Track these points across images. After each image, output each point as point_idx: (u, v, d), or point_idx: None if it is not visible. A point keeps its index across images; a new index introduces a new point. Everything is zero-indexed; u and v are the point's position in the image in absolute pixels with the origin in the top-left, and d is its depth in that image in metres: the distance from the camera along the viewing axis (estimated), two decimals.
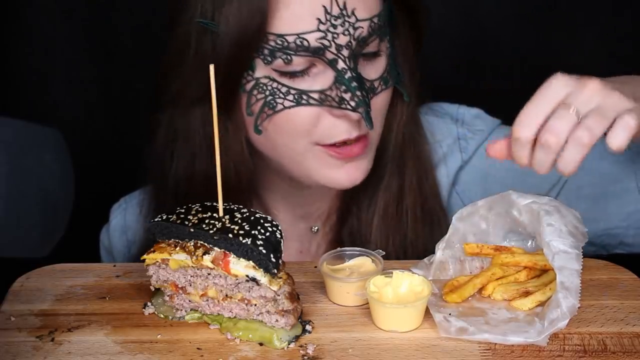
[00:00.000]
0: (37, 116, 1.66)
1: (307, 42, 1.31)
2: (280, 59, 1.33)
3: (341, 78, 1.33)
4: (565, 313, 1.15)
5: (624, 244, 1.48)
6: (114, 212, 1.71)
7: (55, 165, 1.49)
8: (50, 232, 1.52)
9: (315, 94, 1.34)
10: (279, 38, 1.32)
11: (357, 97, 1.32)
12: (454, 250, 1.31)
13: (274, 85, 1.34)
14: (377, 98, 1.39)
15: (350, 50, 1.33)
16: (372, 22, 1.35)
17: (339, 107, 1.34)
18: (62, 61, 2.18)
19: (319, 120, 1.36)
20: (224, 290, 1.20)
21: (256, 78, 1.35)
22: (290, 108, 1.35)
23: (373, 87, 1.38)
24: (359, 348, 1.16)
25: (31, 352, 1.17)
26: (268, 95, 1.35)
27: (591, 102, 1.13)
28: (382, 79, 1.39)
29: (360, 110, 1.33)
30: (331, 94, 1.34)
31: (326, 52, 1.32)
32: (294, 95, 1.34)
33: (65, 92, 2.21)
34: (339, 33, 1.32)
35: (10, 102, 2.15)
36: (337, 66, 1.33)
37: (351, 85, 1.33)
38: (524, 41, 2.16)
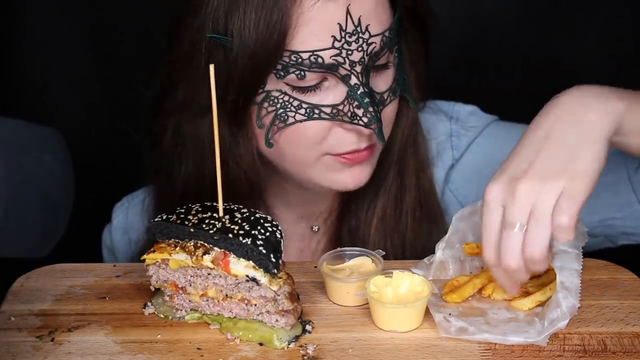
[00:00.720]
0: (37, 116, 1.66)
1: (322, 59, 1.31)
2: (293, 74, 1.32)
3: (354, 93, 1.33)
4: (565, 313, 1.15)
5: (625, 234, 1.48)
6: (116, 212, 1.71)
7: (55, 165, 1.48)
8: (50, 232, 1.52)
9: (327, 108, 1.34)
10: (294, 54, 1.31)
11: (369, 114, 1.33)
12: (454, 250, 1.31)
13: (286, 99, 1.34)
14: (386, 109, 1.39)
15: (363, 65, 1.33)
16: (384, 37, 1.34)
17: (350, 123, 1.34)
18: (62, 61, 2.19)
19: (329, 133, 1.37)
20: (224, 290, 1.20)
21: (267, 91, 1.34)
22: (302, 122, 1.35)
23: (383, 100, 1.38)
24: (359, 348, 1.16)
25: (31, 352, 1.17)
26: (279, 108, 1.34)
27: (525, 210, 1.14)
28: (391, 90, 1.39)
29: (373, 127, 1.33)
30: (343, 109, 1.34)
31: (340, 68, 1.32)
32: (305, 109, 1.34)
33: (65, 92, 2.21)
34: (353, 50, 1.31)
35: (10, 102, 2.15)
36: (349, 82, 1.33)
37: (364, 102, 1.33)
38: (525, 41, 2.16)
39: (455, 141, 1.56)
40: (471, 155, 1.55)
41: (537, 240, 1.13)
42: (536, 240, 1.13)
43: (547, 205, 1.13)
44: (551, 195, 1.13)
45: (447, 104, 1.60)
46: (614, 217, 1.47)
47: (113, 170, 2.06)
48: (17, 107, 2.17)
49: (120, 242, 1.70)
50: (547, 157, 1.15)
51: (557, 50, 2.17)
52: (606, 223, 1.48)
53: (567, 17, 2.15)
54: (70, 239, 1.67)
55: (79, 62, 2.18)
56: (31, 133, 1.47)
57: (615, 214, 1.47)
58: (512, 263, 1.14)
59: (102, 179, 2.06)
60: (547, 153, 1.16)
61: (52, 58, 2.18)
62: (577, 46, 2.16)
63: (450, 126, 1.57)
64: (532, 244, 1.13)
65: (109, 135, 2.20)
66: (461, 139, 1.56)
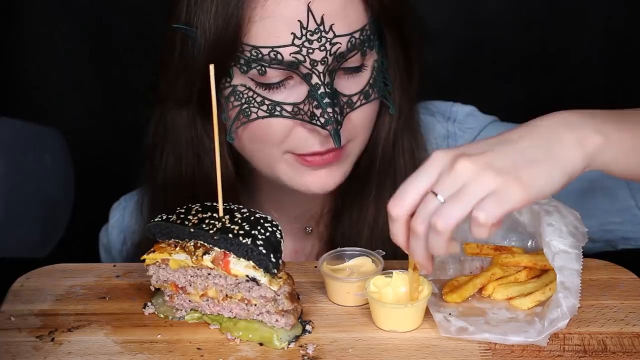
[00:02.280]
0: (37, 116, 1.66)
1: (281, 56, 1.31)
2: (255, 70, 1.33)
3: (314, 93, 1.33)
4: (565, 313, 1.15)
5: (626, 239, 1.48)
6: (113, 211, 1.71)
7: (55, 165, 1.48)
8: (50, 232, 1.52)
9: (289, 106, 1.34)
10: (254, 49, 1.31)
11: (327, 114, 1.32)
12: None
13: (250, 94, 1.35)
14: (356, 112, 1.37)
15: (326, 65, 1.32)
16: (352, 37, 1.33)
17: (309, 122, 1.34)
18: (62, 61, 2.18)
19: (291, 132, 1.36)
20: (224, 290, 1.20)
21: (233, 85, 1.35)
22: (264, 118, 1.35)
23: (351, 102, 1.36)
24: (359, 348, 1.16)
25: (31, 352, 1.17)
26: (244, 103, 1.35)
27: (455, 185, 1.08)
28: (362, 93, 1.38)
29: (329, 128, 1.32)
30: (303, 108, 1.34)
31: (300, 66, 1.32)
32: (268, 105, 1.34)
33: (65, 92, 2.21)
34: (314, 48, 1.31)
35: (10, 102, 2.15)
36: (310, 81, 1.33)
37: (323, 102, 1.32)
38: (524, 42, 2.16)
39: (452, 143, 1.55)
40: None
41: (448, 214, 1.06)
42: (447, 214, 1.07)
43: (475, 192, 1.07)
44: (484, 185, 1.06)
45: (445, 105, 1.59)
46: (613, 221, 1.47)
47: (113, 170, 2.05)
48: (17, 107, 2.17)
49: (117, 242, 1.70)
50: (503, 154, 1.09)
51: (556, 51, 2.17)
52: (605, 228, 1.47)
53: (566, 18, 2.15)
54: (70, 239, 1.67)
55: (79, 62, 2.18)
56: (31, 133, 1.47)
57: (614, 218, 1.47)
58: (418, 224, 1.09)
59: (102, 179, 2.05)
60: (506, 151, 1.10)
61: (52, 58, 2.18)
62: (576, 47, 2.16)
63: (447, 127, 1.56)
64: (440, 215, 1.07)
65: (109, 135, 2.20)
66: (458, 141, 1.55)
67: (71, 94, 2.21)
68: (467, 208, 1.07)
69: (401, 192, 1.11)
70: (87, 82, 2.21)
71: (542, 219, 1.22)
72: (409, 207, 1.11)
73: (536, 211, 1.24)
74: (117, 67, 2.17)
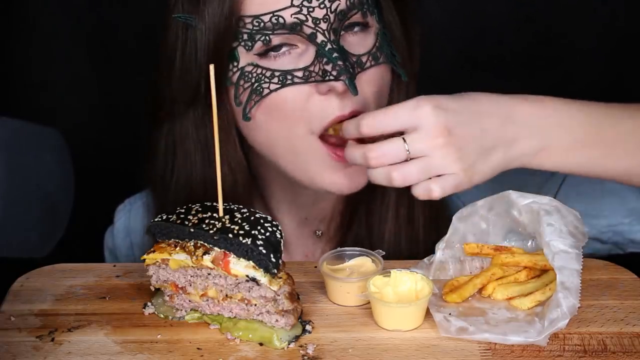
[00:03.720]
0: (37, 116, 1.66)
1: (283, 19, 1.31)
2: (260, 42, 1.32)
3: (322, 51, 1.32)
4: (565, 313, 1.15)
5: (632, 241, 1.48)
6: (118, 214, 1.71)
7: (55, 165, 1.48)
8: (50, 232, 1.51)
9: (299, 72, 1.33)
10: (255, 19, 1.31)
11: (338, 66, 1.31)
12: (454, 250, 1.31)
13: (259, 71, 1.34)
14: (366, 73, 1.36)
15: (329, 23, 1.32)
16: None
17: (323, 81, 1.32)
18: (62, 61, 2.19)
19: (307, 101, 1.34)
20: (224, 290, 1.20)
21: (241, 68, 1.35)
22: (277, 90, 1.34)
23: (360, 62, 1.35)
24: (359, 348, 1.16)
25: (31, 352, 1.17)
26: (254, 82, 1.34)
27: (425, 149, 1.20)
28: (370, 54, 1.37)
29: (343, 78, 1.31)
30: (314, 69, 1.33)
31: (303, 27, 1.31)
32: (278, 77, 1.33)
33: (65, 93, 2.21)
34: (314, 7, 1.31)
35: (10, 102, 2.15)
36: (316, 40, 1.32)
37: (332, 56, 1.32)
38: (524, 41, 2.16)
39: None
40: None
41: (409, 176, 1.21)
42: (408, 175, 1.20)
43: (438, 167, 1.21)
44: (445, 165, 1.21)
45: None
46: (623, 222, 1.47)
47: (113, 170, 2.05)
48: (17, 107, 2.17)
49: (122, 245, 1.69)
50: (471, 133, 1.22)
51: (557, 49, 2.17)
52: (615, 229, 1.47)
53: (566, 17, 2.15)
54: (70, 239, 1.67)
55: (79, 62, 2.18)
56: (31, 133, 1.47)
57: (623, 219, 1.47)
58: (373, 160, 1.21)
59: (103, 179, 2.06)
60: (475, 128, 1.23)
61: (52, 58, 2.18)
62: (576, 46, 2.16)
63: None
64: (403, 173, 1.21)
65: (109, 135, 2.20)
66: None
67: (71, 94, 2.21)
68: (425, 177, 1.21)
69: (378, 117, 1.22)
70: (87, 82, 2.21)
71: (542, 219, 1.22)
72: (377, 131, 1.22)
73: (536, 211, 1.24)
74: (117, 67, 2.17)
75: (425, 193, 1.22)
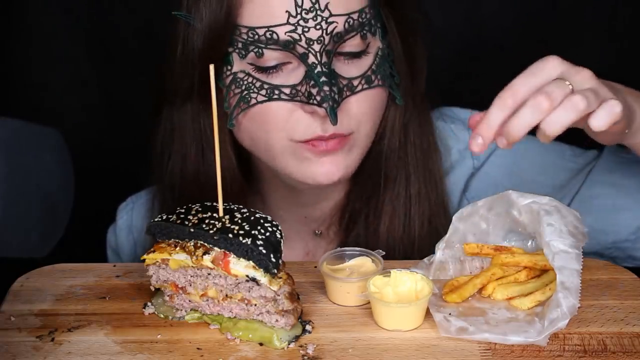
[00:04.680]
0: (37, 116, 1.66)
1: (277, 35, 1.31)
2: (252, 53, 1.33)
3: (311, 72, 1.33)
4: (565, 313, 1.15)
5: (632, 257, 1.48)
6: (120, 212, 1.71)
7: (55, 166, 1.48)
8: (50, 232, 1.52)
9: (287, 89, 1.34)
10: (250, 31, 1.32)
11: (323, 92, 1.31)
12: (454, 250, 1.31)
13: (249, 80, 1.35)
14: (357, 97, 1.36)
15: (323, 45, 1.32)
16: (349, 18, 1.33)
17: (307, 102, 1.33)
18: (62, 61, 2.19)
19: (291, 116, 1.35)
20: (224, 290, 1.20)
21: (234, 73, 1.36)
22: (263, 103, 1.35)
23: (351, 85, 1.36)
24: (359, 348, 1.16)
25: (31, 352, 1.17)
26: (244, 89, 1.35)
27: (584, 84, 1.13)
28: (364, 77, 1.37)
29: (325, 105, 1.31)
30: (301, 89, 1.34)
31: (296, 46, 1.32)
32: (266, 90, 1.34)
33: (65, 93, 2.21)
34: (310, 27, 1.31)
35: (10, 102, 2.15)
36: (307, 60, 1.32)
37: (319, 80, 1.32)
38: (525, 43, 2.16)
39: None
40: (490, 166, 1.54)
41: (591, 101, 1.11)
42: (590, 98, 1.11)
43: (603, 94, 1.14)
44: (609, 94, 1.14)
45: (464, 112, 1.58)
46: (628, 239, 1.47)
47: (113, 170, 2.06)
48: (17, 107, 2.17)
49: (125, 243, 1.70)
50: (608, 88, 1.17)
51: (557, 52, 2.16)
52: (618, 245, 1.47)
53: (566, 18, 2.15)
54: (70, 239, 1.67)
55: (79, 62, 2.18)
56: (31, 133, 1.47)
57: (629, 236, 1.47)
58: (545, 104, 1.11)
59: (102, 179, 2.06)
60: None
61: (52, 58, 2.18)
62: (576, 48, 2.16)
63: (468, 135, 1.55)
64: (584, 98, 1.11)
65: (109, 135, 2.20)
66: None
67: (71, 94, 2.21)
68: (599, 102, 1.12)
69: (521, 81, 1.14)
70: (87, 82, 2.21)
71: (542, 219, 1.22)
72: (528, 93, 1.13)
73: (536, 211, 1.24)
74: (117, 67, 2.17)
75: (608, 114, 1.12)
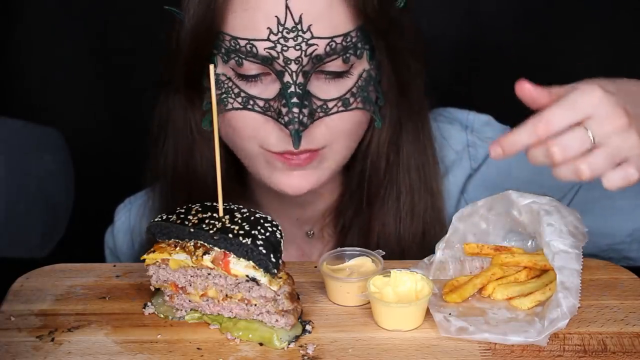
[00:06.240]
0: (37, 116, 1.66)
1: (256, 49, 1.32)
2: (233, 60, 1.34)
3: (284, 91, 1.33)
4: (565, 313, 1.15)
5: (627, 258, 1.48)
6: (118, 213, 1.71)
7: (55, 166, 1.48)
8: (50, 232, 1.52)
9: (261, 101, 1.35)
10: (233, 40, 1.33)
11: (291, 114, 1.32)
12: (454, 250, 1.31)
13: (229, 84, 1.36)
14: (333, 119, 1.36)
15: (300, 65, 1.32)
16: (332, 42, 1.32)
17: (276, 120, 1.34)
18: (62, 61, 2.19)
19: (263, 127, 1.36)
20: (224, 290, 1.20)
21: (217, 74, 1.37)
22: (237, 110, 1.36)
23: (326, 107, 1.35)
24: (359, 348, 1.16)
25: (31, 352, 1.17)
26: (223, 92, 1.37)
27: (610, 136, 1.11)
28: (341, 100, 1.36)
29: (290, 128, 1.32)
30: (273, 105, 1.34)
31: (274, 62, 1.32)
32: (242, 98, 1.35)
33: (65, 92, 2.21)
34: (289, 46, 1.31)
35: (10, 102, 2.15)
36: (282, 78, 1.33)
37: (290, 101, 1.32)
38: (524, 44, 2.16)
39: (472, 152, 1.55)
40: (488, 167, 1.54)
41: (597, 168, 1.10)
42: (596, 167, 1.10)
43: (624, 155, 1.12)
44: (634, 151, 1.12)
45: (461, 113, 1.58)
46: (624, 241, 1.47)
47: (113, 170, 2.06)
48: (17, 107, 2.17)
49: (123, 244, 1.69)
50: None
51: (556, 52, 2.17)
52: (614, 247, 1.47)
53: (565, 19, 2.15)
54: (70, 239, 1.67)
55: (79, 62, 2.18)
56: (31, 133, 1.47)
57: (625, 238, 1.47)
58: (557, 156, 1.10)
59: (102, 179, 2.06)
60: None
61: (52, 58, 2.18)
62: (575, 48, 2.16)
63: (466, 136, 1.56)
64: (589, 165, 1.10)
65: (109, 135, 2.20)
66: (478, 150, 1.55)
67: (71, 94, 2.21)
68: (612, 165, 1.11)
69: (553, 115, 1.12)
70: (87, 82, 2.21)
71: (542, 219, 1.22)
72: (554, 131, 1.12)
73: (536, 211, 1.24)
74: (117, 67, 2.17)
75: (622, 180, 1.12)
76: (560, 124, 1.12)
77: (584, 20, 2.14)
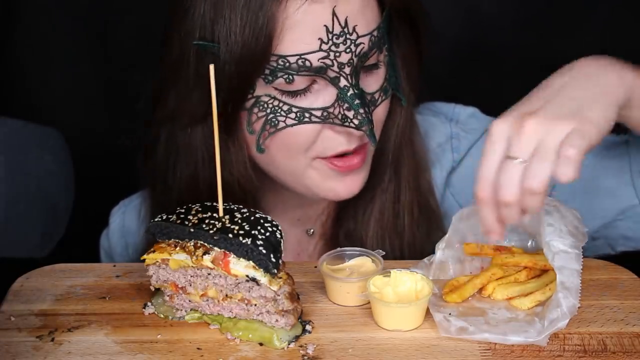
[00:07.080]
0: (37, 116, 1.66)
1: (310, 62, 1.30)
2: (281, 79, 1.31)
3: (344, 95, 1.33)
4: (565, 313, 1.15)
5: (625, 237, 1.48)
6: (113, 216, 1.71)
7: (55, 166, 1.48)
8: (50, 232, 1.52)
9: (318, 111, 1.33)
10: (281, 59, 1.30)
11: (360, 115, 1.32)
12: (454, 250, 1.31)
13: (275, 104, 1.33)
14: (377, 109, 1.38)
15: (352, 66, 1.32)
16: (372, 36, 1.33)
17: (342, 125, 1.34)
18: (62, 61, 2.19)
19: (319, 136, 1.36)
20: (224, 290, 1.20)
21: (256, 96, 1.34)
22: (293, 126, 1.34)
23: (374, 100, 1.37)
24: (359, 348, 1.16)
25: (31, 352, 1.17)
26: (269, 113, 1.34)
27: (530, 144, 1.12)
28: (382, 90, 1.38)
29: (364, 129, 1.33)
30: (334, 112, 1.33)
31: (328, 70, 1.31)
32: (296, 113, 1.33)
33: (65, 92, 2.21)
34: (340, 51, 1.31)
35: (10, 102, 2.15)
36: (339, 84, 1.32)
37: (354, 103, 1.32)
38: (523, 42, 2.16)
39: (455, 144, 1.55)
40: (472, 158, 1.54)
41: (539, 173, 1.10)
42: (538, 173, 1.10)
43: (553, 142, 1.11)
44: (559, 133, 1.11)
45: (447, 106, 1.59)
46: (615, 219, 1.47)
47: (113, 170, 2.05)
48: (17, 107, 2.17)
49: (118, 246, 1.69)
50: (558, 104, 1.15)
51: (556, 51, 2.16)
52: (608, 225, 1.47)
53: (565, 17, 2.15)
54: (70, 239, 1.67)
55: (79, 62, 2.18)
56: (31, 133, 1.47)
57: (617, 216, 1.47)
58: (509, 195, 1.12)
59: (102, 179, 2.06)
60: (559, 100, 1.15)
61: (52, 58, 2.18)
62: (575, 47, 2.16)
63: (450, 128, 1.56)
64: (532, 177, 1.11)
65: (109, 135, 2.19)
66: (461, 142, 1.55)
67: (71, 94, 2.21)
68: (552, 160, 1.11)
69: (481, 173, 1.15)
70: (87, 82, 2.21)
71: (542, 219, 1.22)
72: (492, 183, 1.14)
73: None
74: (117, 67, 2.17)
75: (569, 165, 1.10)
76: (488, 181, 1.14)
77: (584, 20, 2.14)
